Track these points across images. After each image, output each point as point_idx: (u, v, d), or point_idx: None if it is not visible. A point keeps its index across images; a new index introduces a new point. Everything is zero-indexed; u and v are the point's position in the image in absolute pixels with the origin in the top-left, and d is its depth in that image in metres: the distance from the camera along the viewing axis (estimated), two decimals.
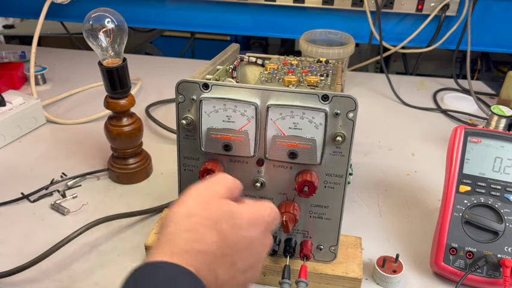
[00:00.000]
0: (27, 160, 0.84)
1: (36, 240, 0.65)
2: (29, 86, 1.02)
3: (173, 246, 0.38)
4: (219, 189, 0.43)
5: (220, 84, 0.51)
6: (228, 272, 0.39)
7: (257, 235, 0.42)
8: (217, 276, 0.38)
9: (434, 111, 1.06)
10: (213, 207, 0.41)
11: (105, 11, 0.68)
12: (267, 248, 0.45)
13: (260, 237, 0.43)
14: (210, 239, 0.39)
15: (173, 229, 0.39)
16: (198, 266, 0.37)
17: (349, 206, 0.73)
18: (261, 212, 0.44)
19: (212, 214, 0.40)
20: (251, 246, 0.42)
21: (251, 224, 0.42)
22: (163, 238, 0.39)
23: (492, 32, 1.19)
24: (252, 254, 0.42)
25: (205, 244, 0.38)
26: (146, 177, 0.80)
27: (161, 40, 1.83)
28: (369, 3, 1.15)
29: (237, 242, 0.40)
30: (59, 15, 1.35)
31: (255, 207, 0.44)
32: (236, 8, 1.27)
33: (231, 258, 0.40)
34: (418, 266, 0.63)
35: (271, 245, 0.46)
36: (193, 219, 0.40)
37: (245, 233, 0.41)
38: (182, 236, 0.38)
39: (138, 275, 0.35)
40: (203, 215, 0.40)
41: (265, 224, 0.44)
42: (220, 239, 0.39)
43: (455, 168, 0.61)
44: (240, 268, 0.41)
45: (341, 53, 0.99)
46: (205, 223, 0.39)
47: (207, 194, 0.42)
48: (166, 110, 1.03)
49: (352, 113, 0.49)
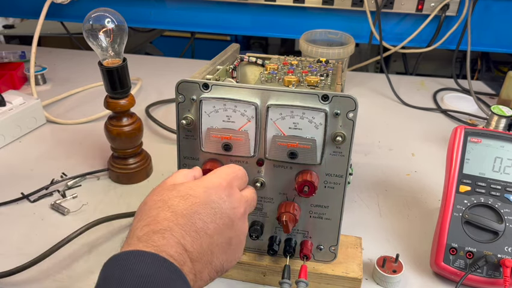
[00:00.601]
0: (27, 160, 0.84)
1: (36, 240, 0.65)
2: (29, 86, 1.02)
3: (130, 238, 0.39)
4: (177, 178, 0.46)
5: (220, 84, 0.51)
6: (196, 240, 0.39)
7: (215, 197, 0.43)
8: (186, 248, 0.38)
9: (434, 111, 1.06)
10: (164, 192, 0.43)
11: (105, 11, 0.68)
12: (236, 205, 0.44)
13: (221, 196, 0.43)
14: (162, 216, 0.40)
15: (132, 223, 0.41)
16: (156, 245, 0.37)
17: (349, 206, 0.73)
18: (217, 175, 0.46)
19: (163, 197, 0.42)
20: (211, 208, 0.42)
21: (205, 189, 0.43)
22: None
23: (492, 32, 1.19)
24: (216, 215, 0.42)
25: (158, 223, 0.39)
26: (146, 177, 0.80)
27: (161, 40, 1.83)
28: (369, 3, 1.15)
29: (191, 209, 0.41)
30: (59, 15, 1.35)
31: (207, 176, 0.46)
32: (236, 8, 1.27)
33: (191, 226, 0.40)
34: (418, 266, 0.63)
35: (244, 199, 0.46)
36: (146, 206, 0.42)
37: (198, 199, 0.42)
38: (137, 225, 0.40)
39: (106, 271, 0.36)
40: (154, 199, 0.42)
41: (224, 183, 0.44)
42: (172, 213, 0.40)
43: (455, 168, 0.61)
44: (208, 232, 0.41)
45: (341, 53, 0.99)
46: (157, 206, 0.41)
47: (162, 185, 0.45)
48: (166, 110, 1.03)
49: (352, 113, 0.49)
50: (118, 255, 0.36)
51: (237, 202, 0.44)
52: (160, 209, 0.40)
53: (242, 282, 0.60)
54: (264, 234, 0.57)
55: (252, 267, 0.58)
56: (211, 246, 0.41)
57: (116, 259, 0.36)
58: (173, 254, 0.37)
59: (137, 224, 0.40)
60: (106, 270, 0.36)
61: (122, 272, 0.34)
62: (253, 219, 0.57)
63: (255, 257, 0.59)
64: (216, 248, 0.41)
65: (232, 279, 0.60)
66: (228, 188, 0.44)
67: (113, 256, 0.37)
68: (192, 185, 0.43)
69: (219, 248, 0.42)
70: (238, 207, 0.44)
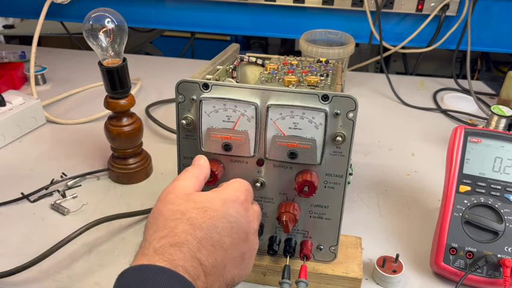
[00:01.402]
0: (27, 160, 0.84)
1: (36, 240, 0.65)
2: (29, 86, 1.02)
3: (147, 248, 0.39)
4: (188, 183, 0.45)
5: (220, 84, 0.51)
6: (212, 254, 0.40)
7: (232, 210, 0.43)
8: (201, 261, 0.39)
9: (434, 111, 1.06)
10: (180, 202, 0.42)
11: (105, 11, 0.68)
12: (251, 219, 0.45)
13: (238, 210, 0.43)
14: (181, 229, 0.39)
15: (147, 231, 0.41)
16: (173, 258, 0.37)
17: (349, 206, 0.73)
18: (233, 188, 0.46)
19: (180, 207, 0.42)
20: (228, 221, 0.42)
21: (223, 202, 0.43)
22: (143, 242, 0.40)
23: (492, 32, 1.19)
24: (233, 229, 0.42)
25: (176, 236, 0.39)
26: (146, 177, 0.80)
27: (161, 40, 1.83)
28: (369, 3, 1.15)
29: (209, 223, 0.41)
30: (59, 15, 1.35)
31: (223, 189, 0.46)
32: (236, 8, 1.27)
33: (208, 240, 0.40)
34: (418, 266, 0.63)
35: (257, 214, 0.48)
36: (162, 217, 0.41)
37: (216, 212, 0.42)
38: (154, 235, 0.40)
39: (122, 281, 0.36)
40: (171, 209, 0.42)
41: (241, 197, 0.45)
42: (191, 226, 0.40)
43: (455, 168, 0.61)
44: (224, 246, 0.41)
45: (341, 53, 0.99)
46: (175, 217, 0.41)
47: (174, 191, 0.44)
48: (166, 110, 1.03)
49: (352, 113, 0.49)
50: (136, 268, 0.36)
51: (252, 217, 0.46)
52: (178, 221, 0.40)
53: (242, 282, 0.60)
54: (264, 234, 0.57)
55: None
56: (225, 260, 0.41)
57: (134, 271, 0.36)
58: (188, 268, 0.37)
59: (154, 235, 0.40)
60: (122, 281, 0.36)
61: (139, 286, 0.35)
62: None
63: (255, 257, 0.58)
64: (229, 261, 0.42)
65: None
66: (245, 202, 0.45)
67: (130, 268, 0.37)
68: (210, 197, 0.43)
69: (232, 261, 0.42)
70: (253, 221, 0.46)
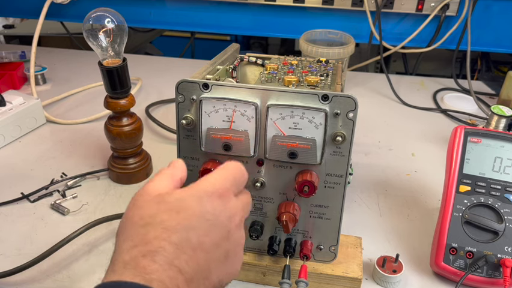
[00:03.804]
0: (27, 160, 0.84)
1: (36, 240, 0.65)
2: (29, 86, 1.02)
3: (116, 263, 0.35)
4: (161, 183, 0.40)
5: (220, 84, 0.51)
6: (192, 258, 0.35)
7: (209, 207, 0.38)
8: (180, 269, 0.34)
9: (434, 111, 1.06)
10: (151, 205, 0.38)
11: (105, 11, 0.68)
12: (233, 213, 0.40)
13: (215, 206, 0.38)
14: (152, 235, 0.35)
15: (117, 242, 0.37)
16: (146, 272, 0.33)
17: (349, 206, 0.73)
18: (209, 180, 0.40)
19: (150, 211, 0.37)
20: (206, 219, 0.37)
21: (198, 199, 0.38)
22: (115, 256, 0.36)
23: (492, 32, 1.19)
24: (211, 228, 0.37)
25: (148, 244, 0.34)
26: (146, 177, 0.80)
27: (161, 40, 1.83)
28: (369, 3, 1.15)
29: (184, 224, 0.36)
30: (59, 15, 1.35)
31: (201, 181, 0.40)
32: (236, 8, 1.27)
33: (186, 242, 0.35)
34: (418, 266, 0.63)
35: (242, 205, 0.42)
36: (130, 223, 0.37)
37: (191, 210, 0.37)
38: (123, 246, 0.35)
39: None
40: (140, 214, 0.37)
41: (219, 190, 0.39)
42: (163, 230, 0.35)
43: (455, 168, 0.61)
44: (205, 247, 0.36)
45: (341, 53, 0.99)
46: (144, 222, 0.36)
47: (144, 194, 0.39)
48: (166, 110, 1.03)
49: (352, 113, 0.49)
50: (104, 286, 0.32)
51: (233, 210, 0.40)
52: (149, 227, 0.35)
53: (242, 282, 0.60)
54: (264, 234, 0.57)
55: (252, 267, 0.58)
56: (208, 262, 0.37)
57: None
58: (165, 280, 0.33)
59: (123, 245, 0.35)
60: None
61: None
62: (253, 219, 0.57)
63: (255, 257, 0.59)
64: (213, 263, 0.37)
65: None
66: (223, 196, 0.40)
67: (96, 286, 0.32)
68: (183, 195, 0.38)
69: (216, 262, 0.38)
70: (235, 215, 0.40)
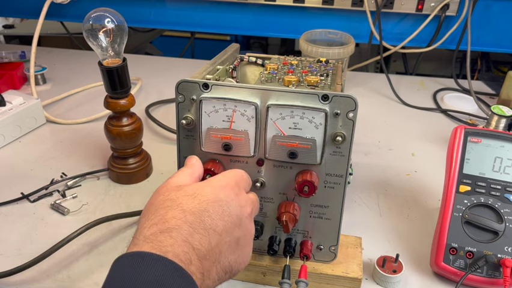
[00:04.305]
0: (27, 160, 0.84)
1: (36, 240, 0.65)
2: (29, 86, 1.02)
3: (137, 237, 0.39)
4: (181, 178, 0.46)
5: (220, 84, 0.51)
6: (205, 238, 0.40)
7: (222, 195, 0.43)
8: (193, 246, 0.38)
9: (434, 111, 1.06)
10: (171, 192, 0.43)
11: (105, 11, 0.68)
12: (243, 204, 0.45)
13: (228, 194, 0.44)
14: (171, 215, 0.40)
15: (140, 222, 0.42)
16: (162, 245, 0.37)
17: (349, 206, 0.73)
18: (223, 176, 0.47)
19: (170, 196, 0.43)
20: (219, 205, 0.42)
21: (213, 188, 0.44)
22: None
23: (492, 32, 1.19)
24: (224, 213, 0.42)
25: (166, 222, 0.39)
26: (146, 177, 0.80)
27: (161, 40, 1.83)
28: (369, 3, 1.15)
29: (200, 207, 0.41)
30: (59, 15, 1.35)
31: (214, 177, 0.47)
32: (236, 8, 1.27)
33: (200, 223, 0.40)
34: (418, 266, 0.63)
35: (250, 201, 0.47)
36: (152, 207, 0.42)
37: (206, 197, 0.42)
38: (145, 224, 0.40)
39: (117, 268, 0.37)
40: (161, 199, 0.43)
41: (231, 182, 0.45)
42: (181, 211, 0.40)
43: (455, 168, 0.61)
44: (217, 230, 0.41)
45: (341, 53, 0.99)
46: (165, 205, 0.41)
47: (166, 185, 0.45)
48: (166, 110, 1.03)
49: (352, 113, 0.49)
50: (124, 257, 0.37)
51: (244, 201, 0.46)
52: (168, 208, 0.41)
53: (242, 282, 0.60)
54: (264, 234, 0.57)
55: (252, 267, 0.58)
56: (220, 244, 0.41)
57: (123, 260, 0.36)
58: (179, 253, 0.37)
59: (145, 223, 0.40)
60: (112, 272, 0.36)
61: (128, 275, 0.35)
62: (253, 219, 0.57)
63: (255, 257, 0.59)
64: (224, 246, 0.42)
65: (232, 279, 0.60)
66: (236, 188, 0.45)
67: (119, 257, 0.37)
68: (199, 185, 0.44)
69: (227, 246, 0.42)
70: (246, 206, 0.45)
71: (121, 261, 0.36)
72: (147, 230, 0.39)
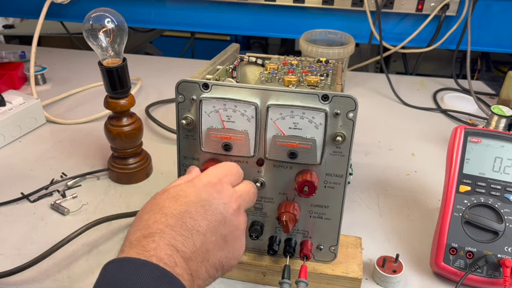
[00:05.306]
0: (27, 160, 0.84)
1: (36, 240, 0.65)
2: (29, 86, 1.02)
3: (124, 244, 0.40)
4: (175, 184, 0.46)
5: (220, 84, 0.51)
6: (189, 239, 0.40)
7: (204, 194, 0.43)
8: (177, 248, 0.39)
9: (434, 111, 1.06)
10: (157, 196, 0.44)
11: (105, 11, 0.68)
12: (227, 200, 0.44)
13: (210, 193, 0.43)
14: (153, 220, 0.40)
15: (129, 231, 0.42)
16: (145, 250, 0.37)
17: (349, 206, 0.73)
18: (206, 174, 0.46)
19: (156, 200, 0.43)
20: (201, 206, 0.42)
21: (195, 188, 0.44)
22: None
23: (492, 32, 1.19)
24: (207, 212, 0.42)
25: (148, 227, 0.40)
26: (146, 177, 0.80)
27: (161, 40, 1.83)
28: (369, 3, 1.15)
29: (181, 209, 0.41)
30: (59, 15, 1.35)
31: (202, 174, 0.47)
32: (236, 8, 1.27)
33: (182, 225, 0.40)
34: (418, 266, 0.63)
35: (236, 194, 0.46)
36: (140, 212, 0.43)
37: (187, 198, 0.42)
38: (131, 230, 0.41)
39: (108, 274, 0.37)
40: (148, 204, 0.44)
41: (213, 180, 0.45)
42: (162, 215, 0.41)
43: (455, 168, 0.61)
44: (200, 230, 0.41)
45: (341, 53, 0.99)
46: (149, 209, 0.42)
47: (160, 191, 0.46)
48: (166, 110, 1.03)
49: (352, 113, 0.49)
50: (111, 263, 0.37)
51: (227, 197, 0.45)
52: (151, 213, 0.41)
53: (242, 282, 0.60)
54: (264, 234, 0.57)
55: (252, 267, 0.58)
56: (205, 243, 0.41)
57: (109, 267, 0.37)
58: (163, 257, 0.37)
59: (131, 229, 0.41)
60: (100, 278, 0.37)
61: (113, 280, 0.35)
62: (253, 219, 0.57)
63: (255, 257, 0.59)
64: (210, 245, 0.41)
65: (232, 279, 0.60)
66: (218, 185, 0.45)
67: (107, 263, 0.37)
68: (182, 186, 0.44)
69: (213, 245, 0.42)
70: (230, 202, 0.44)
71: (109, 267, 0.37)
72: (132, 236, 0.40)
